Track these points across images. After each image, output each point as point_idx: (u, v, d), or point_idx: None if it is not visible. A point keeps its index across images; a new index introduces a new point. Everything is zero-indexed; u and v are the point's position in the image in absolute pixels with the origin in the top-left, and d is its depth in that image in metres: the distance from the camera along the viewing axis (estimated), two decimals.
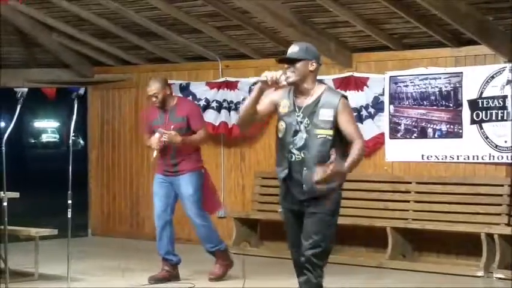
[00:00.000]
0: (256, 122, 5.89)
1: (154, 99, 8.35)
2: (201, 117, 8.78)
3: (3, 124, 34.24)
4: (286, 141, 5.61)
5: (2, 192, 7.43)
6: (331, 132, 5.52)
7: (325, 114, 5.53)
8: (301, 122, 5.56)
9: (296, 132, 5.57)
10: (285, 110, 5.64)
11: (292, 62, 5.57)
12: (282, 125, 5.66)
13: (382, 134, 9.82)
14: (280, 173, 5.70)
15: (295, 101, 5.63)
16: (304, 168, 5.53)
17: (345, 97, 5.64)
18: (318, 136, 5.52)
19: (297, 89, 5.64)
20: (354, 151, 5.50)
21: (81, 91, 8.00)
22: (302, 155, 5.55)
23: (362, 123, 9.91)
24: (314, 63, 5.60)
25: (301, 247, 5.61)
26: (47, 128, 55.21)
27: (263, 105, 5.71)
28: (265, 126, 10.07)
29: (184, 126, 8.33)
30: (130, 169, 12.09)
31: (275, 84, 5.52)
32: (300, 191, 5.59)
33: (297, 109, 5.60)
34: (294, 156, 5.59)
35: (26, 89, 7.97)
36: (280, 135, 5.67)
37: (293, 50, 5.62)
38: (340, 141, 5.58)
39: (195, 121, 8.40)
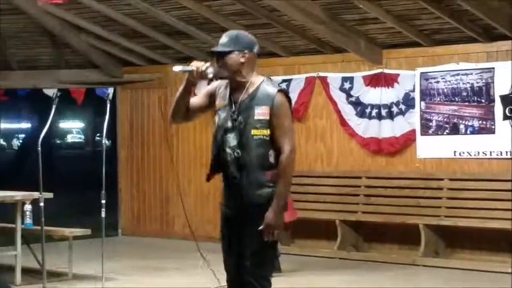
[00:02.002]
0: (192, 118, 5.20)
1: None
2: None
3: (30, 125, 34.47)
4: (219, 137, 5.00)
5: (38, 193, 7.46)
6: (267, 132, 4.89)
7: (261, 113, 4.90)
8: (235, 120, 4.94)
9: (229, 130, 4.96)
10: (222, 103, 5.02)
11: (221, 55, 4.95)
12: (216, 119, 5.04)
13: (413, 131, 9.77)
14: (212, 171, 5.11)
15: (231, 94, 5.01)
16: (244, 172, 4.91)
17: (283, 92, 4.98)
18: (255, 137, 4.89)
19: (231, 83, 5.01)
20: (282, 171, 4.86)
21: (110, 91, 8.04)
22: (236, 155, 4.92)
23: (393, 120, 9.88)
24: (246, 54, 4.93)
25: (235, 258, 4.97)
26: (72, 128, 55.55)
27: (197, 99, 5.10)
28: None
29: None
30: (160, 168, 12.11)
31: (201, 76, 4.93)
32: (238, 195, 4.95)
33: (232, 104, 4.98)
34: (228, 155, 4.96)
35: (56, 90, 8.02)
36: (213, 130, 5.06)
37: (222, 41, 4.97)
38: None
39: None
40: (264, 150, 4.90)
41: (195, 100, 5.09)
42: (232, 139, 4.94)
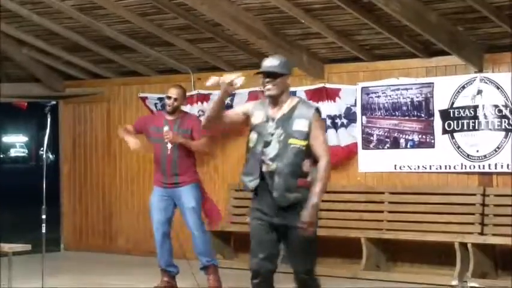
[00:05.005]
0: (223, 125, 5.97)
1: (170, 101, 8.48)
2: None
3: None
4: (257, 151, 5.68)
5: None
6: (304, 143, 5.61)
7: (300, 125, 5.63)
8: (274, 133, 5.66)
9: (268, 143, 5.66)
10: (258, 121, 5.74)
11: (273, 75, 5.68)
12: (253, 135, 5.74)
13: (356, 144, 9.85)
14: (250, 183, 5.74)
15: (269, 111, 5.74)
16: (276, 177, 5.60)
17: (318, 110, 5.77)
18: (292, 146, 5.61)
19: (272, 101, 5.75)
20: (320, 174, 5.59)
21: (49, 106, 7.94)
22: (274, 166, 5.61)
23: (337, 131, 9.92)
24: (289, 77, 5.78)
25: (270, 257, 5.80)
26: (16, 142, 54.89)
27: (234, 113, 5.93)
28: (239, 136, 10.01)
29: (189, 138, 8.49)
30: (103, 182, 12.02)
31: (231, 86, 5.63)
32: (271, 201, 5.66)
33: (270, 120, 5.70)
34: (266, 166, 5.65)
35: None
36: (251, 144, 5.74)
37: (274, 63, 5.72)
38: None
39: (197, 132, 8.53)
40: (299, 159, 5.59)
41: (233, 113, 5.92)
42: (271, 150, 5.62)
